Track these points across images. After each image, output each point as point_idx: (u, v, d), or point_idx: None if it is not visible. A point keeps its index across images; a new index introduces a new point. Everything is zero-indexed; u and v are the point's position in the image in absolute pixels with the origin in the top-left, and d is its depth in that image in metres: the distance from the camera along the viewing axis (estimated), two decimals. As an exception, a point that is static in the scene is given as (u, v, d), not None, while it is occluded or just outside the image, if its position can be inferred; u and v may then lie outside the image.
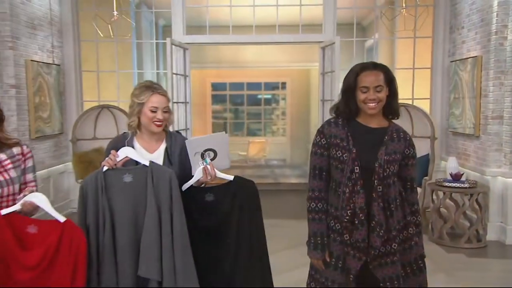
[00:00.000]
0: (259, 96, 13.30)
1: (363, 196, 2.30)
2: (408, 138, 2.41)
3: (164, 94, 2.60)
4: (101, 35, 7.02)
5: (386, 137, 2.36)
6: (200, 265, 2.41)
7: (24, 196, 2.28)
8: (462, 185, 5.45)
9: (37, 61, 6.29)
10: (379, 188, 2.29)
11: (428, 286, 4.12)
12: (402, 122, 6.42)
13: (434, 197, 5.71)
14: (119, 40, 7.43)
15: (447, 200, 5.59)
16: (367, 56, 9.87)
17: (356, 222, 2.32)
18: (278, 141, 13.63)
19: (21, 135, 5.88)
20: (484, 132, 5.77)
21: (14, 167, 2.34)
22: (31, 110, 6.11)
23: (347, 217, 2.34)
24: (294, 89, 13.17)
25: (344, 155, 2.37)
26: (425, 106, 7.04)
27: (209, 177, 2.49)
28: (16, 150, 2.39)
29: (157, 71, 8.46)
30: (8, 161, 2.33)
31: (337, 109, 2.46)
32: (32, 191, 2.31)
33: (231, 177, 2.52)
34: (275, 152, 13.02)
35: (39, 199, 2.26)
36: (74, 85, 7.18)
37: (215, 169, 2.52)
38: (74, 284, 2.20)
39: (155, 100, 2.52)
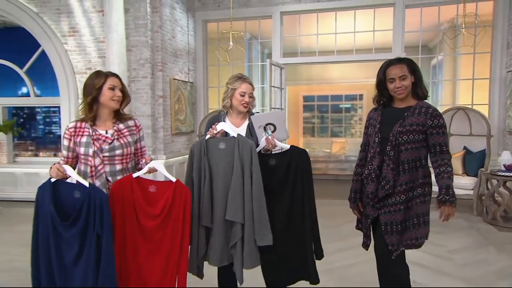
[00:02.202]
0: (341, 106, 13.04)
1: (378, 160, 2.34)
2: (430, 112, 2.30)
3: (250, 83, 2.63)
4: (221, 60, 7.41)
5: (407, 113, 2.33)
6: (269, 213, 2.42)
7: (146, 163, 2.38)
8: (515, 174, 5.03)
9: (178, 80, 6.80)
10: (391, 153, 2.29)
11: (480, 256, 3.93)
12: (461, 123, 6.17)
13: (489, 185, 5.34)
14: (234, 64, 7.76)
15: (501, 188, 5.20)
16: (433, 71, 9.40)
17: (369, 179, 2.37)
18: (356, 141, 13.01)
19: (165, 131, 6.40)
20: (537, 130, 5.30)
21: (130, 134, 2.40)
22: (172, 114, 6.60)
23: (364, 175, 2.44)
24: (369, 100, 12.51)
25: (371, 130, 2.44)
26: (484, 110, 6.56)
27: (270, 146, 2.48)
28: (130, 122, 2.45)
29: (262, 85, 8.76)
30: (126, 129, 2.40)
31: (374, 99, 2.52)
32: (151, 159, 2.41)
33: (288, 146, 2.50)
34: (353, 150, 12.59)
35: (158, 165, 2.35)
36: (202, 97, 7.68)
37: (275, 139, 2.50)
38: (185, 225, 2.29)
39: (244, 87, 2.57)
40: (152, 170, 2.34)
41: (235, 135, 2.43)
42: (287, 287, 2.58)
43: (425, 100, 2.43)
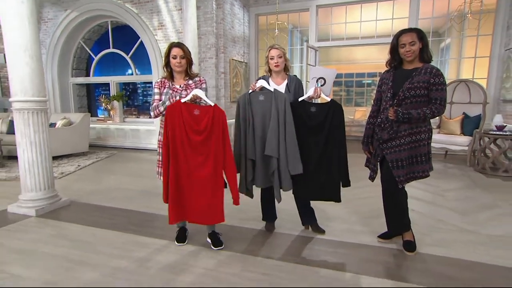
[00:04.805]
0: (363, 81, 12.44)
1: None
2: (434, 72, 2.17)
3: (278, 48, 2.49)
4: (269, 45, 7.27)
5: (415, 73, 2.22)
6: (306, 147, 2.43)
7: (191, 93, 2.30)
8: (504, 133, 4.64)
9: (235, 60, 6.79)
10: (397, 106, 2.23)
11: (468, 194, 3.76)
12: (462, 93, 5.75)
13: (481, 142, 4.97)
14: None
15: (491, 145, 4.82)
16: (441, 53, 8.64)
17: (382, 126, 2.30)
18: (375, 111, 12.66)
19: (226, 99, 6.46)
20: (527, 97, 4.79)
21: (195, 86, 2.42)
22: (231, 86, 6.64)
23: (376, 123, 2.37)
24: (387, 77, 11.97)
25: (385, 87, 2.34)
26: (482, 83, 5.99)
27: (315, 95, 2.42)
28: (197, 78, 2.45)
29: (301, 64, 8.53)
30: (193, 83, 2.42)
31: (386, 62, 2.39)
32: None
33: (328, 99, 2.46)
34: (372, 117, 12.27)
35: (200, 92, 2.26)
36: (254, 74, 7.59)
37: (321, 92, 2.44)
38: (226, 139, 2.25)
39: (272, 52, 2.48)
40: (195, 97, 2.28)
41: (272, 90, 2.39)
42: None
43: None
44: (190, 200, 2.25)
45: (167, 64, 2.40)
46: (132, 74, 7.56)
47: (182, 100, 2.26)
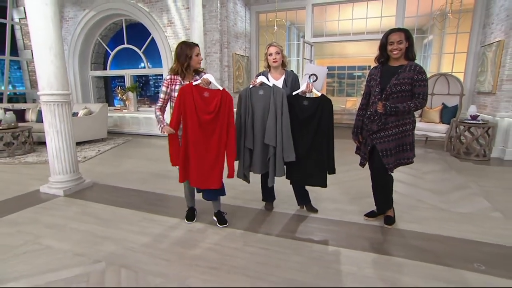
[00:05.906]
0: (354, 74, 12.24)
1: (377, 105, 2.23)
2: (417, 69, 2.14)
3: (275, 45, 2.42)
4: (268, 40, 7.07)
5: (400, 70, 2.18)
6: (298, 136, 2.40)
7: (202, 77, 2.27)
8: (477, 122, 4.62)
9: (238, 54, 6.64)
10: (385, 100, 2.21)
11: (444, 176, 3.78)
12: (442, 85, 5.71)
13: (457, 130, 4.96)
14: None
15: (466, 132, 4.81)
16: (424, 49, 8.48)
17: (371, 118, 2.28)
18: (364, 100, 12.52)
19: (229, 90, 6.34)
20: (499, 89, 4.72)
21: None
22: (234, 79, 6.52)
23: (366, 116, 2.34)
24: (376, 70, 11.78)
25: (373, 83, 2.30)
26: (460, 76, 5.91)
27: (307, 90, 2.37)
28: (202, 74, 2.35)
29: (297, 58, 8.38)
30: (199, 79, 2.30)
31: (375, 58, 2.35)
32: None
33: (319, 94, 2.41)
34: (361, 106, 12.14)
35: (210, 77, 2.23)
36: (255, 67, 7.43)
37: (313, 87, 2.38)
38: (230, 119, 2.25)
39: (270, 49, 2.42)
40: (206, 80, 2.22)
41: (271, 85, 2.36)
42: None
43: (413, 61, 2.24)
44: (195, 166, 2.26)
45: (188, 63, 2.26)
46: (144, 67, 7.45)
47: (194, 83, 2.22)
